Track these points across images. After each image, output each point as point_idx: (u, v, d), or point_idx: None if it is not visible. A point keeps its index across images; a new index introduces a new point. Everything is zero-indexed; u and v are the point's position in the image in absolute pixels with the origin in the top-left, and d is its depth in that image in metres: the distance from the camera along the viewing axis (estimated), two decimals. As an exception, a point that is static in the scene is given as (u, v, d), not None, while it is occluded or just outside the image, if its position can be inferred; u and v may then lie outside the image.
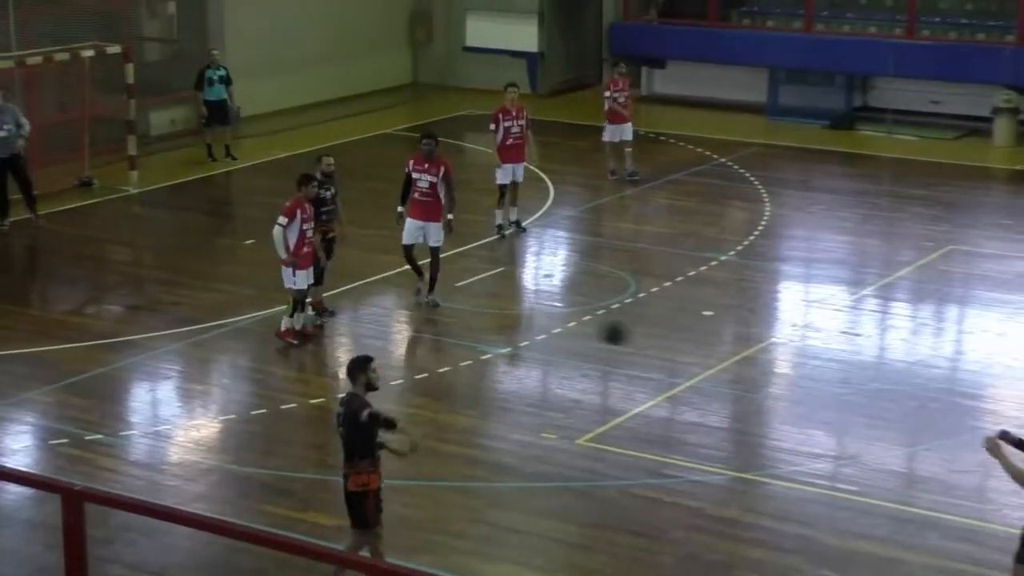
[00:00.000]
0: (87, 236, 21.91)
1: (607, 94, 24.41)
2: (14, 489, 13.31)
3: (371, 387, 11.44)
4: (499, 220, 21.33)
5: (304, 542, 7.17)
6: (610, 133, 24.30)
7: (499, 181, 21.21)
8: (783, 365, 16.91)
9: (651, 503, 13.33)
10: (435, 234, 17.98)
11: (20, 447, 14.50)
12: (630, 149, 24.50)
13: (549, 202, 23.20)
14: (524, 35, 32.19)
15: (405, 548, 12.54)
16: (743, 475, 13.93)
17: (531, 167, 22.51)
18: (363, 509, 11.32)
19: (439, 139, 18.39)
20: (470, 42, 32.95)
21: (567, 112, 30.17)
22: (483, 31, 32.77)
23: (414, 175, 17.89)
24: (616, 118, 24.21)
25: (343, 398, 11.48)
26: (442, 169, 17.85)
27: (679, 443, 14.58)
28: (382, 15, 32.33)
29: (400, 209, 18.15)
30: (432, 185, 17.82)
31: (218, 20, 28.21)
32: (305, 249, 16.73)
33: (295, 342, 16.93)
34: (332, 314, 17.83)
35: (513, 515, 13.19)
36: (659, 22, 32.05)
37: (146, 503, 8.25)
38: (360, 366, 11.43)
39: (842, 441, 14.87)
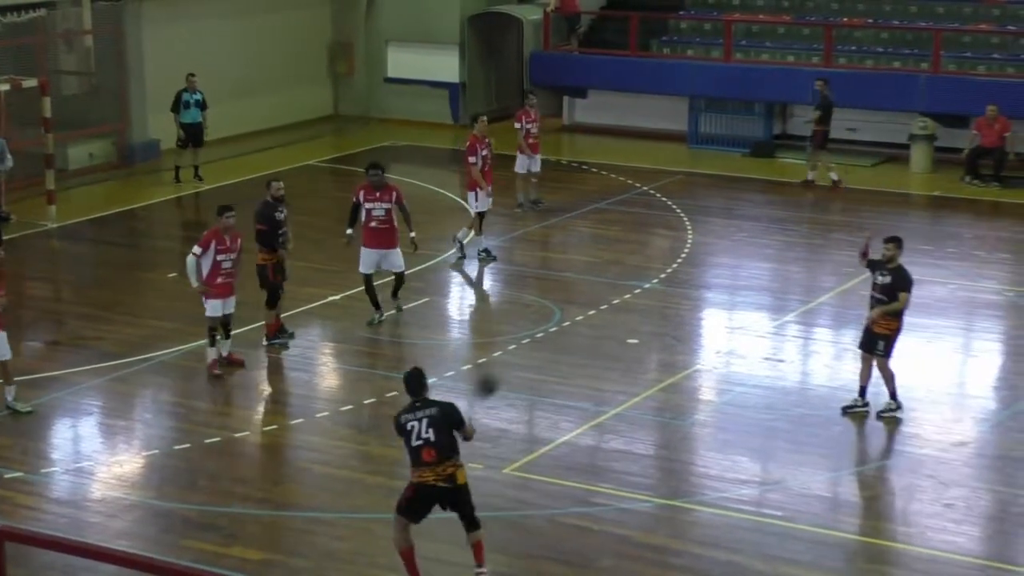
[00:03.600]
0: (5, 272, 21.60)
1: (517, 126, 24.53)
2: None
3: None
4: (484, 244, 21.81)
5: (230, 577, 7.11)
6: (520, 164, 24.40)
7: (478, 209, 21.60)
8: (708, 392, 16.99)
9: (579, 531, 13.33)
10: (397, 260, 18.41)
11: (-62, 486, 14.27)
12: (535, 180, 24.63)
13: (472, 234, 23.17)
14: (445, 66, 32.25)
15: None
16: (670, 502, 13.97)
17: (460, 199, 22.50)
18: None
19: (383, 167, 18.55)
20: (391, 73, 32.97)
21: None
22: (404, 62, 32.81)
23: (367, 205, 18.07)
24: (527, 150, 24.32)
25: (426, 402, 11.92)
26: (394, 194, 18.15)
27: (606, 471, 14.60)
28: (302, 47, 32.26)
29: (349, 232, 18.30)
30: (387, 212, 18.12)
31: (137, 53, 28.01)
32: (219, 280, 16.63)
33: (218, 372, 16.81)
34: (291, 335, 17.90)
35: (440, 546, 13.10)
36: (580, 52, 32.20)
37: (68, 540, 8.16)
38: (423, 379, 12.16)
39: (767, 467, 14.95)
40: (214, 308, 16.72)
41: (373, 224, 18.09)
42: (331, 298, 19.40)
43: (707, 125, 30.22)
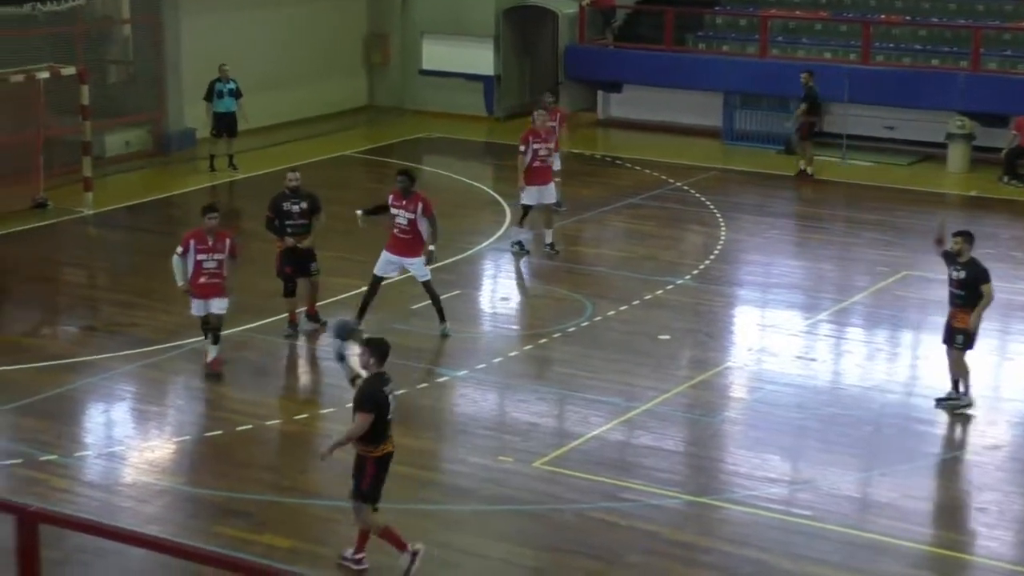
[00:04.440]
0: (41, 258, 21.79)
1: (523, 148, 24.25)
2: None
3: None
4: (519, 237, 21.59)
5: (259, 564, 7.14)
6: (528, 196, 23.50)
7: (524, 202, 21.41)
8: (739, 389, 16.96)
9: (607, 526, 13.33)
10: (418, 269, 17.83)
11: (-28, 469, 14.39)
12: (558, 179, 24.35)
13: (505, 225, 23.22)
14: (480, 58, 32.26)
15: (358, 569, 12.50)
16: (699, 499, 13.95)
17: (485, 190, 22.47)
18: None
19: (415, 176, 18.18)
20: (426, 65, 33.00)
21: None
22: (439, 55, 32.83)
23: (392, 211, 17.74)
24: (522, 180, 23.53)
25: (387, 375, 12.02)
26: (420, 206, 17.60)
27: (635, 467, 14.59)
28: (338, 38, 32.34)
29: (360, 212, 18.08)
30: (410, 222, 17.59)
31: (175, 43, 28.13)
32: (201, 279, 16.40)
33: (219, 371, 16.72)
34: (323, 324, 17.87)
35: (469, 538, 13.17)
36: (615, 46, 32.18)
37: (100, 524, 8.19)
38: None
39: (797, 466, 14.91)
40: (196, 307, 16.55)
41: (396, 231, 17.75)
42: (363, 288, 19.41)
43: (742, 121, 30.13)
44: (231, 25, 29.28)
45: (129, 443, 15.22)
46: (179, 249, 16.43)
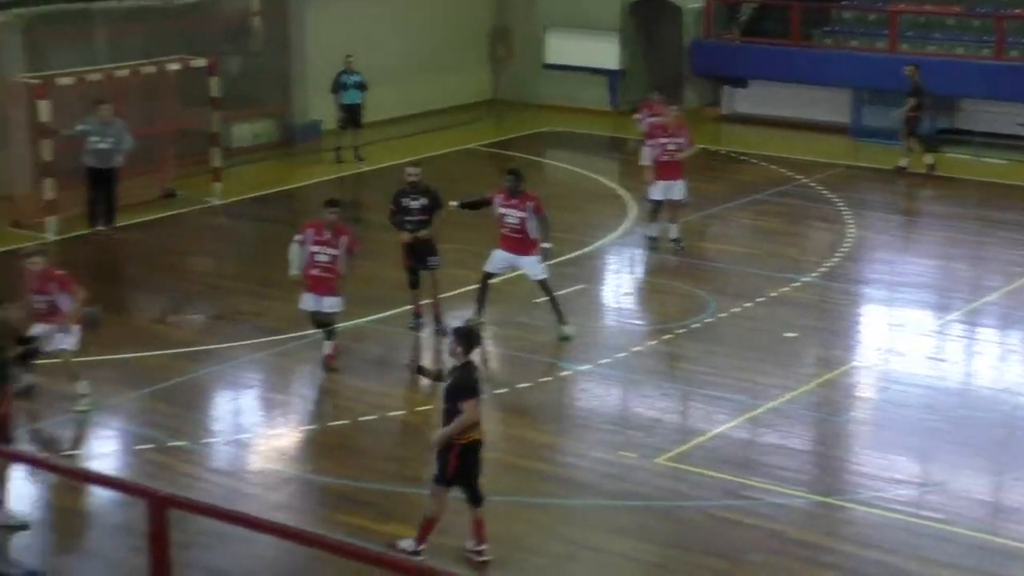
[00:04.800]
0: (171, 247, 22.13)
1: (637, 117, 24.22)
2: (100, 492, 13.42)
3: None
4: (651, 233, 21.51)
5: (383, 554, 7.13)
6: (655, 190, 22.77)
7: (652, 197, 21.34)
8: (866, 389, 16.72)
9: (730, 524, 13.21)
10: (533, 268, 17.67)
11: (107, 451, 14.61)
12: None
13: (629, 220, 23.13)
14: (605, 52, 32.15)
15: (480, 562, 12.51)
16: (824, 499, 13.77)
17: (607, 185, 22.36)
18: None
19: (522, 175, 18.03)
20: (550, 59, 32.96)
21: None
22: (563, 48, 32.78)
23: (501, 210, 17.64)
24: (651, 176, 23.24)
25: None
26: (530, 205, 17.50)
27: (760, 465, 14.45)
28: (463, 31, 32.42)
29: (454, 203, 18.05)
30: (521, 221, 17.50)
31: (301, 36, 28.41)
32: (313, 271, 16.40)
33: (335, 367, 16.75)
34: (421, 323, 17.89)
35: (591, 533, 13.12)
36: (741, 41, 31.91)
37: (228, 510, 8.26)
38: None
39: (926, 467, 14.66)
40: (304, 301, 16.55)
41: (506, 231, 17.67)
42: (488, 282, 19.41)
43: (871, 118, 29.69)
44: (357, 17, 29.48)
45: (255, 431, 15.40)
46: (298, 237, 16.49)
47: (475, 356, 12.38)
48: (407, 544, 12.33)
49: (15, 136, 22.85)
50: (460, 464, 12.10)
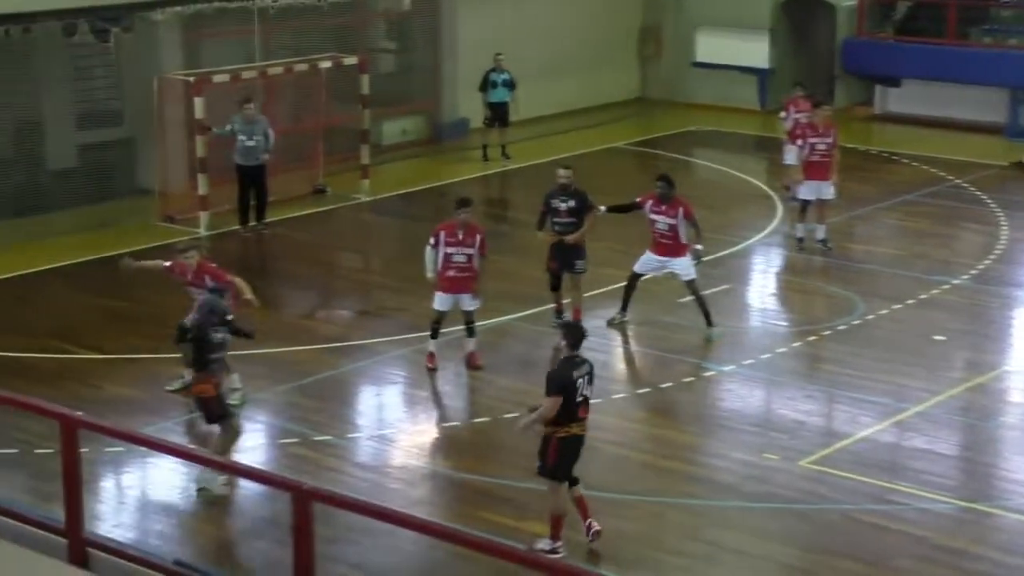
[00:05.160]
0: (319, 242, 22.46)
1: (783, 115, 23.93)
2: (246, 485, 13.68)
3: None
4: (799, 233, 21.37)
5: (526, 552, 7.21)
6: (793, 156, 22.43)
7: (801, 196, 21.27)
8: (1017, 394, 16.40)
9: (875, 529, 13.05)
10: (683, 269, 17.69)
11: (253, 444, 14.88)
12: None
13: (777, 220, 22.94)
14: (755, 51, 31.87)
15: (620, 562, 12.54)
16: (972, 505, 13.54)
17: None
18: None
19: (673, 181, 17.94)
20: (700, 58, 32.75)
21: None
22: (713, 47, 32.53)
23: (652, 216, 17.67)
24: (795, 137, 22.46)
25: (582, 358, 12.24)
26: (681, 210, 17.54)
27: (905, 469, 14.25)
28: (612, 30, 32.38)
29: (602, 208, 18.00)
30: (671, 227, 17.55)
31: (451, 33, 28.62)
32: (449, 273, 16.45)
33: (432, 366, 16.71)
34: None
35: (732, 535, 13.05)
36: (895, 39, 31.43)
37: (371, 505, 8.38)
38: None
39: (1079, 475, 14.35)
40: (441, 302, 16.59)
41: (657, 236, 17.69)
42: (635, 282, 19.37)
43: (1028, 118, 29.08)
44: (507, 15, 29.61)
45: (399, 426, 15.57)
46: (431, 240, 16.54)
47: (584, 351, 12.49)
48: (544, 544, 12.40)
49: (171, 133, 23.35)
50: (559, 458, 12.25)
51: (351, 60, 24.42)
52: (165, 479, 14.03)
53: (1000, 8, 31.29)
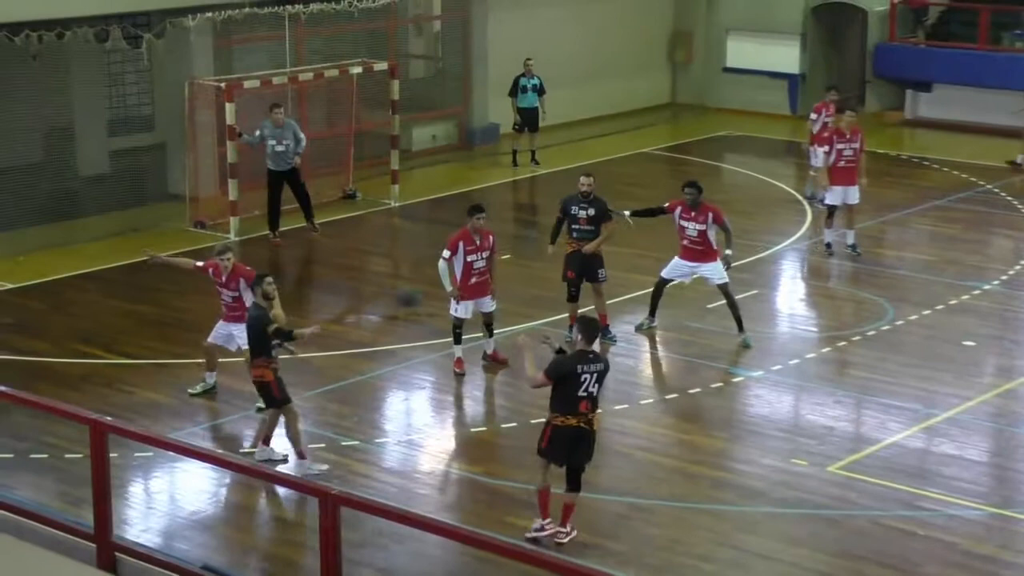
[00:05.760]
0: (349, 247, 22.51)
1: (814, 116, 23.82)
2: (273, 490, 13.73)
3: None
4: (827, 239, 21.34)
5: (552, 557, 7.22)
6: (834, 196, 21.79)
7: (828, 201, 21.26)
8: (1048, 400, 16.34)
9: (904, 535, 13.02)
10: (715, 273, 17.68)
11: (280, 449, 14.91)
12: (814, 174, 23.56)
13: (806, 225, 22.89)
14: (786, 56, 31.83)
15: (648, 567, 12.53)
16: (1002, 511, 13.49)
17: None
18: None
19: (702, 187, 17.89)
20: (730, 63, 32.72)
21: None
22: (744, 52, 32.51)
23: (681, 222, 17.65)
24: (822, 141, 22.41)
25: (596, 356, 12.50)
26: (710, 215, 17.54)
27: (935, 475, 14.20)
28: (642, 35, 32.38)
29: (627, 213, 18.05)
30: (701, 233, 17.54)
31: (482, 39, 28.65)
32: (472, 280, 16.55)
33: (461, 371, 16.78)
34: (612, 339, 17.76)
35: (761, 540, 13.03)
36: (926, 44, 31.33)
37: (400, 510, 8.44)
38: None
39: (1109, 481, 14.28)
40: (465, 309, 16.64)
41: (686, 242, 17.70)
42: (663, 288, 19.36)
43: (1058, 122, 28.91)
44: (537, 20, 29.63)
45: (427, 431, 15.58)
46: (446, 253, 16.50)
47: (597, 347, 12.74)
48: (535, 526, 12.71)
49: (201, 138, 23.45)
50: (549, 444, 12.57)
51: (381, 66, 24.48)
52: (193, 484, 14.09)
53: (1033, 12, 31.14)
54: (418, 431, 15.55)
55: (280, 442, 14.41)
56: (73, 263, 20.95)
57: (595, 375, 12.36)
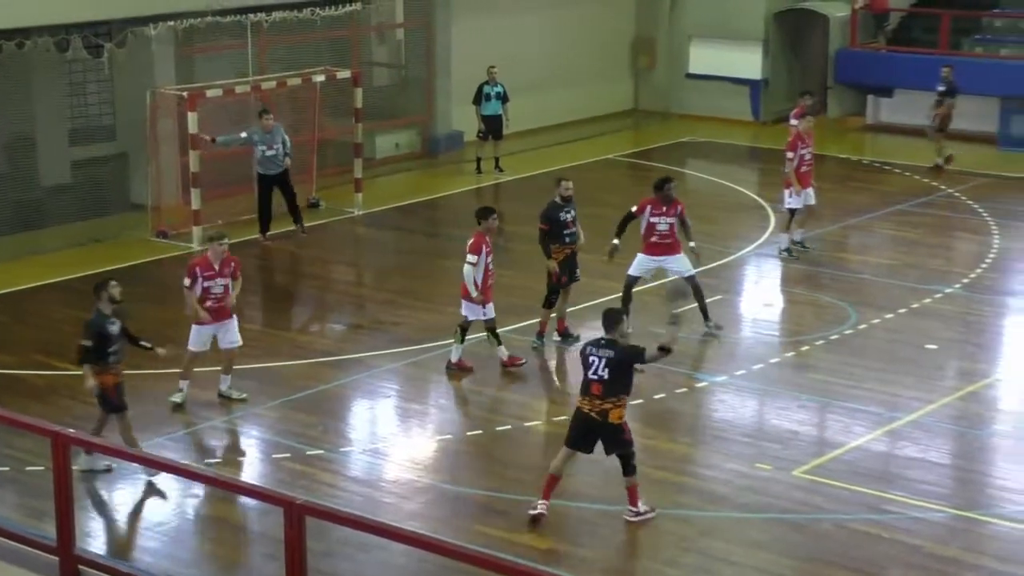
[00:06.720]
0: (313, 256, 22.46)
1: (791, 155, 23.66)
2: (238, 500, 13.67)
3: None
4: (787, 243, 21.52)
5: (517, 564, 7.21)
6: (794, 200, 21.82)
7: (790, 205, 21.39)
8: (1010, 402, 16.42)
9: (869, 539, 13.06)
10: (683, 265, 17.93)
11: (245, 459, 14.88)
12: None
13: (769, 230, 22.97)
14: (748, 62, 31.96)
15: (615, 572, 12.54)
16: (965, 513, 13.56)
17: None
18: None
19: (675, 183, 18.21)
20: (693, 69, 32.82)
21: (790, 140, 29.81)
22: (706, 58, 32.62)
23: (652, 219, 17.81)
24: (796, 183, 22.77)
25: (611, 343, 12.89)
26: (679, 208, 17.87)
27: (899, 478, 14.26)
28: (605, 42, 32.44)
29: (616, 242, 18.08)
30: (671, 227, 17.84)
31: (445, 47, 28.64)
32: (490, 282, 16.75)
33: (470, 365, 16.99)
34: (576, 339, 17.78)
35: (726, 545, 13.05)
36: (887, 50, 31.49)
37: (365, 519, 8.39)
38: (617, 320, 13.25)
39: (1071, 482, 14.36)
40: (482, 312, 16.79)
41: (655, 239, 17.84)
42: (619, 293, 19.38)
43: (1019, 127, 29.10)
44: (500, 28, 29.64)
45: (392, 440, 15.55)
46: (472, 258, 16.54)
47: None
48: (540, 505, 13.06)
49: (164, 148, 23.36)
50: (570, 425, 13.20)
51: (345, 74, 24.45)
52: (156, 495, 14.02)
53: (992, 18, 31.34)
54: (383, 440, 15.52)
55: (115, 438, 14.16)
56: (35, 274, 20.84)
57: (604, 360, 12.74)
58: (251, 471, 14.66)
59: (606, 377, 12.71)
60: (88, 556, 8.85)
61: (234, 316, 16.11)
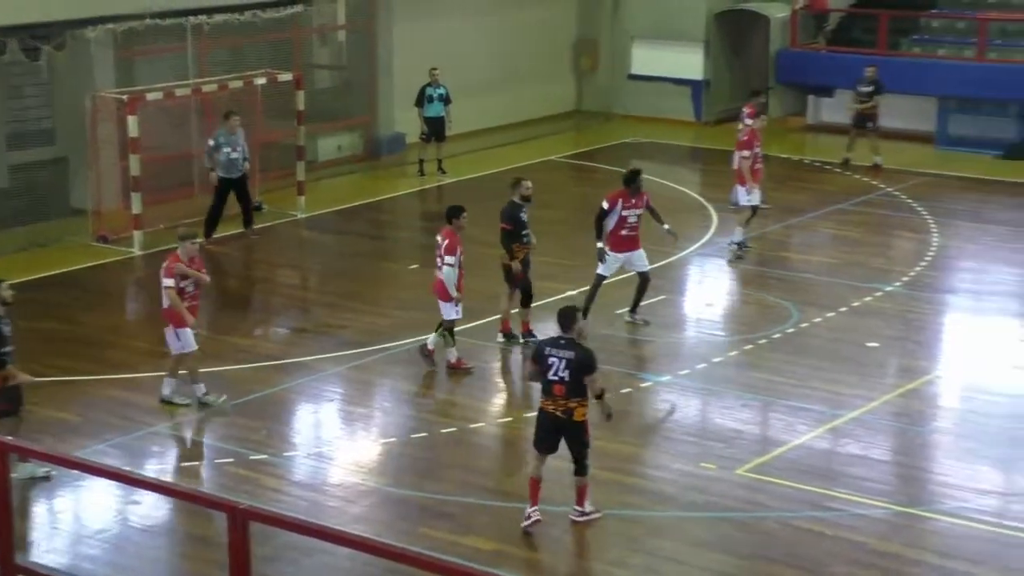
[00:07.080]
0: (257, 259, 22.37)
1: (746, 154, 23.69)
2: (181, 506, 13.59)
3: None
4: (738, 239, 21.72)
5: (463, 566, 7.20)
6: (743, 196, 21.99)
7: (745, 202, 21.54)
8: (949, 399, 16.58)
9: (812, 536, 13.15)
10: (643, 260, 18.39)
11: (188, 465, 14.79)
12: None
13: (712, 230, 23.08)
14: (690, 63, 32.08)
15: (559, 573, 12.55)
16: (907, 509, 13.67)
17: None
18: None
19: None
20: (635, 70, 32.93)
21: (731, 140, 29.83)
22: (648, 59, 32.74)
23: (624, 212, 17.98)
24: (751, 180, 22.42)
25: (570, 343, 12.87)
26: (645, 198, 18.25)
27: (841, 475, 14.36)
28: (548, 43, 32.48)
29: (600, 245, 18.12)
30: (639, 217, 18.14)
31: (387, 49, 28.59)
32: (463, 282, 16.85)
33: (470, 365, 17.05)
34: (518, 340, 17.82)
35: (672, 545, 13.10)
36: (827, 50, 31.71)
37: (309, 523, 8.36)
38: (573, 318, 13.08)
39: (1011, 477, 14.51)
40: (453, 311, 16.84)
41: (624, 232, 18.01)
42: (568, 293, 19.43)
43: (957, 126, 29.39)
44: (442, 30, 29.60)
45: (337, 443, 15.51)
46: (451, 260, 16.56)
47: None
48: (524, 514, 13.09)
49: (104, 152, 23.19)
50: (536, 426, 13.18)
51: (286, 76, 24.36)
52: (98, 502, 13.92)
53: (929, 19, 31.62)
54: (328, 443, 15.47)
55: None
56: (-26, 280, 20.59)
57: (564, 361, 12.70)
58: (194, 476, 14.57)
59: (567, 378, 12.74)
60: (29, 566, 8.78)
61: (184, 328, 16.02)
